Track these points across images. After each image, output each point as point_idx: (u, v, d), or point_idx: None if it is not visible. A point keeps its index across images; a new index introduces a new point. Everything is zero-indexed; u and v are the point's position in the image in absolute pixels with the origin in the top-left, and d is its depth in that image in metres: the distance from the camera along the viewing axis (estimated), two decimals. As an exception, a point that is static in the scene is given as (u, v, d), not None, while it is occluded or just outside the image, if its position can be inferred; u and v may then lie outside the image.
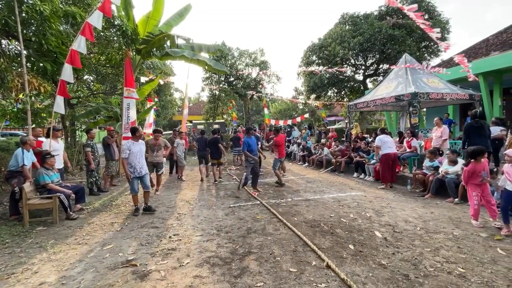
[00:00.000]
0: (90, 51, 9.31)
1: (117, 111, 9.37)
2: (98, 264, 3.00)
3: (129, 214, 4.88)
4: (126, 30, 7.23)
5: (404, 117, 10.28)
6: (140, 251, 3.32)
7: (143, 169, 4.86)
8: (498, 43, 11.13)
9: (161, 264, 2.96)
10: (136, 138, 4.90)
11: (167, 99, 25.17)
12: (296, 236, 3.62)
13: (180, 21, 9.15)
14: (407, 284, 2.48)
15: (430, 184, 5.76)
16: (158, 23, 8.74)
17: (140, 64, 9.60)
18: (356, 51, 17.93)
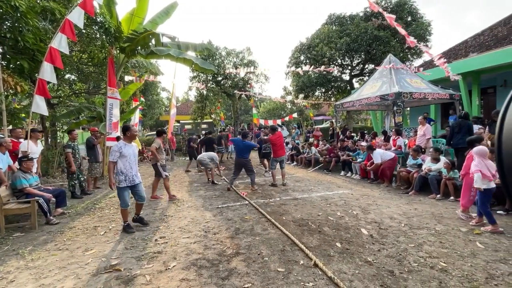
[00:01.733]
0: (71, 48, 8.98)
1: (101, 111, 9.10)
2: (80, 270, 2.89)
3: (113, 217, 4.73)
4: (109, 27, 7.01)
5: (389, 116, 10.53)
6: (125, 255, 3.22)
7: (136, 177, 4.05)
8: (476, 45, 11.60)
9: (146, 268, 2.88)
10: (129, 139, 4.07)
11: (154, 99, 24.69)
12: (284, 236, 3.63)
13: (165, 19, 8.98)
14: (392, 280, 2.53)
15: (413, 181, 5.92)
16: (142, 21, 8.54)
17: (125, 63, 9.36)
18: (343, 51, 18.22)
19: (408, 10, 18.22)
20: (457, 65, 9.58)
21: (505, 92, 9.94)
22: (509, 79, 9.72)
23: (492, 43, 10.57)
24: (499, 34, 11.00)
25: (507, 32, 10.72)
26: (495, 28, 11.94)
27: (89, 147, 6.98)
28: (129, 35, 7.89)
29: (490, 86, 10.41)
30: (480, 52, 10.09)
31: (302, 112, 25.78)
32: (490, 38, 11.28)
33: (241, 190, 6.53)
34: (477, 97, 9.68)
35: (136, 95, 13.44)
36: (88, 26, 7.65)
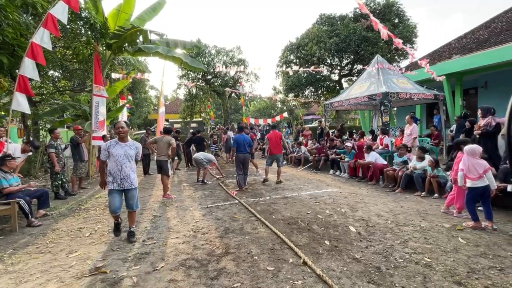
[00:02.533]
0: (54, 44, 8.68)
1: (86, 109, 8.85)
2: (63, 273, 2.79)
3: (99, 218, 4.61)
4: (95, 23, 6.82)
5: (377, 115, 10.75)
6: (111, 257, 3.14)
7: (125, 181, 3.47)
8: (459, 47, 11.99)
9: (133, 270, 2.82)
10: (121, 137, 3.57)
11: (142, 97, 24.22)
12: (273, 234, 3.63)
13: (153, 16, 8.82)
14: (379, 276, 2.58)
15: (399, 179, 6.07)
16: (129, 17, 8.35)
17: (111, 60, 9.13)
18: (332, 51, 18.45)
19: (395, 12, 18.63)
20: (441, 66, 9.87)
21: (486, 93, 10.33)
22: (489, 80, 10.10)
23: (474, 45, 10.95)
24: (481, 37, 11.41)
25: (488, 35, 11.13)
26: (477, 31, 12.38)
27: (73, 146, 6.77)
28: (115, 31, 7.70)
29: (472, 87, 10.79)
30: (463, 54, 10.44)
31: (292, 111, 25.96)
32: (472, 41, 11.68)
33: (230, 189, 6.50)
34: (460, 97, 10.01)
35: (124, 93, 13.15)
36: (72, 21, 7.41)
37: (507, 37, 9.77)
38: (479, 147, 3.90)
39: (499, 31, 10.76)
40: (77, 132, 7.00)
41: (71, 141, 6.85)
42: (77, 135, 6.88)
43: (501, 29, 10.77)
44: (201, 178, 7.55)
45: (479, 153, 3.81)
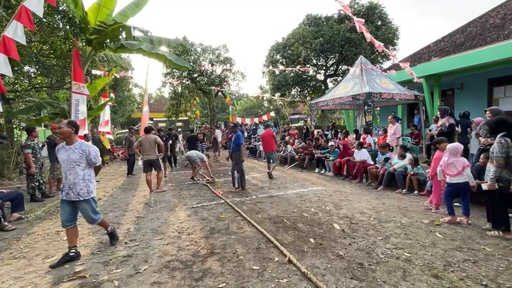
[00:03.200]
0: (29, 38, 8.25)
1: (65, 107, 8.47)
2: (38, 279, 2.66)
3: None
4: (73, 17, 6.53)
5: (361, 115, 11.02)
6: (91, 260, 3.03)
7: (71, 191, 2.98)
8: (437, 50, 12.49)
9: (114, 273, 2.73)
10: (65, 140, 3.08)
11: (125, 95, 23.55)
12: (259, 233, 3.64)
13: (136, 12, 8.56)
14: (362, 272, 2.64)
15: (381, 177, 6.25)
16: (111, 12, 8.07)
17: (92, 56, 8.79)
18: (317, 51, 18.72)
19: (378, 15, 19.14)
20: (420, 68, 10.25)
21: (462, 94, 10.84)
22: (465, 82, 10.60)
23: (451, 49, 11.45)
24: (457, 41, 11.94)
25: (464, 39, 11.68)
26: (454, 35, 12.95)
27: (51, 145, 6.47)
28: (96, 26, 7.41)
29: (449, 89, 11.28)
30: (441, 57, 10.89)
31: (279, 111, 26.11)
32: (450, 44, 12.21)
33: (216, 189, 6.45)
34: (438, 98, 10.44)
35: (106, 90, 12.71)
36: (49, 14, 7.07)
37: (481, 41, 10.29)
38: (461, 145, 4.10)
39: (474, 35, 11.32)
40: (55, 131, 6.69)
41: (48, 141, 6.54)
42: (55, 135, 6.57)
43: (476, 34, 11.33)
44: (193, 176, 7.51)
45: (461, 151, 3.99)
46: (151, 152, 6.20)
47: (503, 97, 9.75)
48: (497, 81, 9.78)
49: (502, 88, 9.75)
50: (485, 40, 10.06)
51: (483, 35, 10.71)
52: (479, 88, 10.20)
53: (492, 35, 10.20)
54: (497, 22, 11.04)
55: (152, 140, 6.25)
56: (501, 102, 9.66)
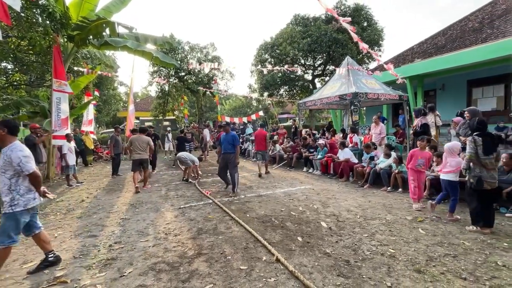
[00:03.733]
0: (6, 33, 7.87)
1: (45, 105, 8.15)
2: (16, 286, 2.54)
3: (60, 224, 4.27)
4: (54, 12, 6.28)
5: (347, 115, 11.20)
6: (73, 265, 2.92)
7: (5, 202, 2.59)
8: (420, 52, 12.90)
9: (98, 277, 2.65)
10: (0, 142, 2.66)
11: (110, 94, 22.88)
12: (247, 233, 3.63)
13: (121, 8, 8.34)
14: (348, 269, 2.69)
15: (367, 176, 6.39)
16: (94, 8, 7.82)
17: (74, 53, 8.50)
18: (305, 51, 18.88)
19: (364, 16, 19.52)
20: (404, 69, 10.54)
21: (443, 94, 11.25)
22: (446, 83, 11.00)
23: (433, 50, 11.85)
24: (439, 43, 12.37)
25: (445, 41, 12.11)
26: (436, 37, 13.40)
27: (29, 146, 6.18)
28: (78, 22, 7.16)
29: (431, 89, 11.67)
30: (423, 58, 11.24)
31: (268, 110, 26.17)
32: (432, 46, 12.63)
33: (204, 189, 6.39)
34: (421, 98, 10.78)
35: (89, 89, 12.32)
36: (27, 8, 6.77)
37: (460, 44, 10.70)
38: (458, 143, 4.27)
39: (454, 38, 11.75)
40: (34, 130, 6.42)
41: (27, 141, 6.26)
42: (34, 134, 6.30)
43: (456, 36, 11.78)
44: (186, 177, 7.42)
45: (457, 150, 4.14)
46: (143, 152, 6.49)
47: (481, 98, 10.19)
48: (475, 82, 10.20)
49: (480, 89, 10.19)
50: (465, 43, 10.47)
51: (463, 38, 11.15)
52: (459, 88, 10.61)
53: (471, 38, 10.63)
54: (476, 26, 11.52)
55: (145, 141, 6.57)
56: (479, 102, 10.09)
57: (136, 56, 8.67)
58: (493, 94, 9.81)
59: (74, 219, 4.50)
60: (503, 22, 10.13)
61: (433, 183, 5.08)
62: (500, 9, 11.38)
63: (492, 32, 9.85)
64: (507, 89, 9.19)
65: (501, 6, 11.68)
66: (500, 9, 11.35)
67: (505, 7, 11.17)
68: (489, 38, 9.54)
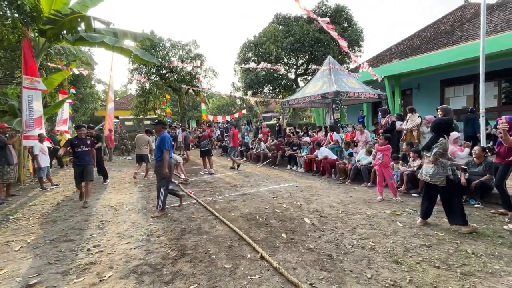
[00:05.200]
0: (-31, 26, 7.29)
1: (14, 104, 7.66)
2: (-16, 296, 2.38)
3: (33, 229, 4.04)
4: (23, 4, 5.91)
5: (330, 113, 11.46)
6: (48, 271, 2.78)
7: None
8: (397, 52, 13.43)
9: (75, 283, 2.54)
10: None
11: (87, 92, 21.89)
12: (232, 232, 3.62)
13: (98, 2, 8.00)
14: (330, 263, 2.76)
15: (349, 172, 6.58)
16: (68, 1, 7.44)
17: (46, 48, 8.04)
18: (288, 50, 19.06)
19: (344, 17, 19.98)
20: (382, 69, 10.94)
21: (419, 94, 11.79)
22: (422, 83, 11.54)
23: (409, 51, 12.37)
24: (414, 44, 12.93)
25: (420, 43, 12.67)
26: (411, 39, 14.00)
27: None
28: (51, 16, 6.78)
29: (408, 88, 12.19)
30: (400, 59, 11.71)
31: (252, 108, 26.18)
32: (408, 47, 13.18)
33: (188, 189, 6.29)
34: (399, 97, 11.24)
35: (64, 86, 11.73)
36: (-7, 0, 6.31)
37: (434, 45, 11.25)
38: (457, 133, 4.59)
39: (428, 40, 12.34)
40: (2, 131, 6.01)
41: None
42: (2, 134, 5.91)
43: (430, 38, 12.37)
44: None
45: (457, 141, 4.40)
46: (144, 149, 7.71)
47: (452, 97, 10.79)
48: (447, 82, 10.78)
49: (452, 89, 10.79)
50: (438, 45, 11.02)
51: (436, 40, 11.73)
52: (433, 88, 11.17)
53: (443, 40, 11.21)
54: (448, 28, 12.16)
55: (146, 140, 7.74)
56: (451, 101, 10.68)
57: (115, 52, 8.36)
58: (464, 93, 10.41)
59: (48, 223, 4.28)
60: (472, 25, 10.76)
61: (410, 178, 5.32)
62: (469, 13, 12.08)
63: (462, 35, 10.44)
64: (476, 88, 9.79)
65: (470, 10, 12.40)
66: (469, 13, 12.05)
67: (473, 11, 11.87)
68: (459, 40, 10.11)
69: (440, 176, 3.40)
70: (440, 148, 3.41)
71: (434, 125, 3.65)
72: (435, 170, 3.45)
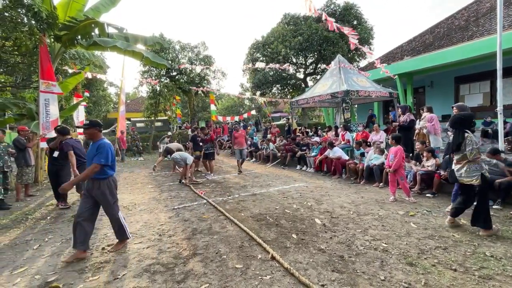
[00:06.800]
0: (-11, 34, 7.62)
1: (32, 107, 7.95)
2: (6, 292, 2.48)
3: (51, 228, 4.18)
4: (40, 11, 6.12)
5: (340, 112, 11.32)
6: (65, 269, 2.87)
7: None
8: (409, 49, 13.13)
9: (91, 281, 2.61)
10: None
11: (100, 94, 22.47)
12: (242, 232, 3.63)
13: (111, 8, 8.19)
14: (342, 264, 2.72)
15: (360, 172, 6.48)
16: (83, 8, 7.66)
17: (62, 53, 8.30)
18: (297, 50, 18.96)
19: (354, 14, 19.71)
20: (394, 66, 10.72)
21: (432, 91, 11.49)
22: (435, 80, 11.24)
23: (422, 48, 12.08)
24: (427, 41, 12.61)
25: (433, 39, 12.35)
26: (424, 35, 13.66)
27: (18, 149, 6.03)
28: (66, 22, 7.00)
29: (420, 86, 11.91)
30: (412, 56, 11.44)
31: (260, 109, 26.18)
32: (420, 44, 12.87)
33: (199, 189, 6.35)
34: (411, 95, 10.99)
35: (78, 90, 12.07)
36: (12, 8, 6.58)
37: (447, 41, 10.93)
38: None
39: (442, 36, 12.00)
40: (23, 133, 6.25)
41: (15, 144, 6.09)
42: (22, 137, 6.14)
43: (443, 34, 12.03)
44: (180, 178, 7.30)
45: None
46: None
47: (468, 94, 10.45)
48: (462, 79, 10.46)
49: (467, 86, 10.46)
50: (451, 41, 10.71)
51: (450, 35, 11.40)
52: (447, 85, 10.85)
53: (457, 36, 10.88)
54: (462, 24, 11.79)
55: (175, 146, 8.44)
56: (466, 99, 10.35)
57: (126, 56, 8.54)
58: (480, 90, 10.08)
59: (65, 222, 4.41)
60: (488, 20, 10.40)
61: (423, 178, 5.19)
62: (485, 7, 11.68)
63: (478, 30, 10.10)
64: (493, 85, 9.45)
65: (485, 4, 11.99)
66: (485, 7, 11.65)
67: (489, 5, 11.47)
68: (474, 35, 9.79)
69: (475, 174, 3.26)
70: (471, 144, 3.24)
71: (454, 120, 3.45)
72: (467, 169, 3.32)
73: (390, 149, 5.03)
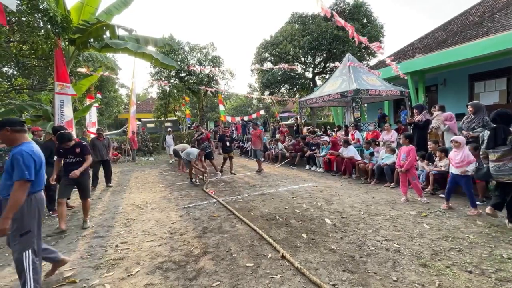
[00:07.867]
0: (8, 38, 7.93)
1: (48, 109, 8.22)
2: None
3: (68, 224, 4.31)
4: (55, 16, 6.31)
5: (349, 112, 11.19)
6: (81, 265, 2.96)
7: None
8: (421, 47, 12.84)
9: (106, 277, 2.68)
10: None
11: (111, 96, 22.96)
12: (252, 231, 3.65)
13: (123, 9, 8.37)
14: (353, 264, 2.70)
15: (370, 172, 6.39)
16: (95, 11, 7.85)
17: (75, 56, 8.54)
18: (306, 49, 18.84)
19: (363, 13, 19.43)
20: (405, 65, 10.50)
21: (445, 89, 11.20)
22: (448, 78, 10.95)
23: (434, 45, 11.79)
24: (440, 38, 12.30)
25: (445, 36, 12.04)
26: (436, 32, 13.33)
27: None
28: (79, 25, 7.20)
29: (433, 84, 11.62)
30: (424, 54, 11.19)
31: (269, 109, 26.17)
32: (432, 41, 12.56)
33: (209, 188, 6.42)
34: (423, 94, 10.74)
35: (91, 91, 12.39)
36: (29, 13, 6.81)
37: (461, 38, 10.63)
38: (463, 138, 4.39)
39: (455, 32, 11.68)
40: (37, 134, 6.46)
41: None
42: (38, 137, 6.35)
43: (457, 31, 11.71)
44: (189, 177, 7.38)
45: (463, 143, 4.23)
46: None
47: (483, 92, 10.14)
48: (477, 77, 10.15)
49: (482, 83, 10.14)
50: (465, 37, 10.41)
51: (464, 32, 11.08)
52: (461, 83, 10.56)
53: (471, 32, 10.57)
54: (476, 19, 11.44)
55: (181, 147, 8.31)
56: (481, 97, 10.04)
57: (137, 58, 8.71)
58: (495, 88, 9.76)
59: (80, 220, 4.54)
60: (504, 15, 10.06)
61: (436, 178, 5.08)
62: (501, 2, 11.30)
63: (493, 26, 9.78)
64: (509, 82, 9.14)
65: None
66: (501, 2, 11.27)
67: (505, 0, 11.09)
68: (490, 31, 9.48)
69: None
70: None
71: (499, 113, 3.41)
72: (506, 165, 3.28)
73: (401, 148, 4.95)
